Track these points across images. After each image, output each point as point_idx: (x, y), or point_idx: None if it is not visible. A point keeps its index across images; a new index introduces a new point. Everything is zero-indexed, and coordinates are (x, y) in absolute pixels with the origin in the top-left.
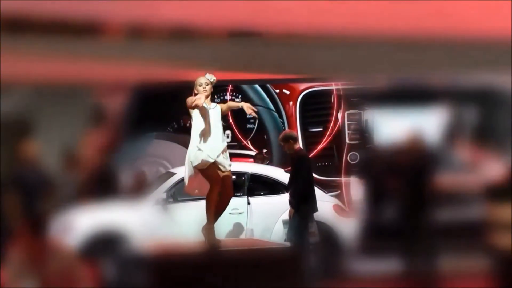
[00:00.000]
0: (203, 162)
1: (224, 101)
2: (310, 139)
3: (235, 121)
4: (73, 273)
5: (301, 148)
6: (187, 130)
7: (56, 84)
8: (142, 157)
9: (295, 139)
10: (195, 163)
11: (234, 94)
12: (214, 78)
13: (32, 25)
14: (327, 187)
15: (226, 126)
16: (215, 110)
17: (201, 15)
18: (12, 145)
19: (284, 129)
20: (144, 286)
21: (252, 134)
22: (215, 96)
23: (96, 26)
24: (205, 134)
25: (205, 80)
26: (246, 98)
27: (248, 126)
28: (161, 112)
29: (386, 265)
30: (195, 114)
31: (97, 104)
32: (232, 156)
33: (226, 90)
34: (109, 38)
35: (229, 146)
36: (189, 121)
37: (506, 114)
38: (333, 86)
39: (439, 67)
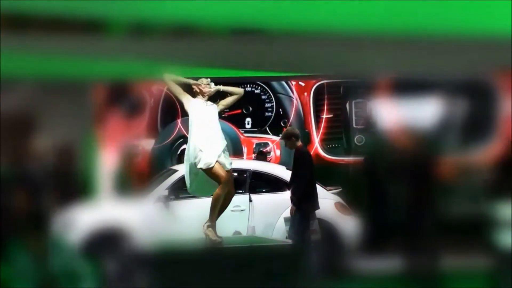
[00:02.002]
0: (206, 163)
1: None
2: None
3: (254, 109)
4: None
5: (303, 145)
6: None
7: (57, 82)
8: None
9: (297, 137)
10: (198, 165)
11: (254, 85)
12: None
13: (33, 23)
14: (336, 166)
15: (247, 114)
16: (212, 108)
17: (204, 12)
18: (13, 143)
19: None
20: (146, 284)
21: (270, 121)
22: None
23: (97, 24)
24: (204, 133)
25: (206, 81)
26: (268, 87)
27: (267, 114)
28: None
29: (388, 264)
30: (192, 113)
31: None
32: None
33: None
34: (111, 36)
35: (249, 132)
36: None
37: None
38: (341, 79)
39: (439, 66)
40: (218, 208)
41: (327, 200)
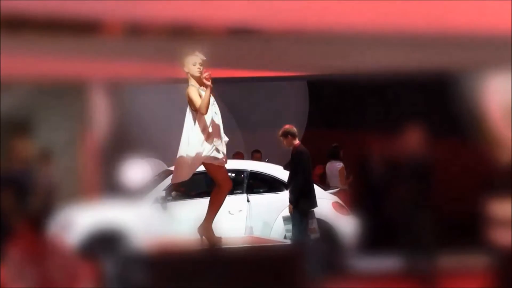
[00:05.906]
0: (213, 158)
1: None
2: None
3: None
4: (73, 272)
5: (300, 144)
6: None
7: (54, 83)
8: None
9: (294, 135)
10: (204, 154)
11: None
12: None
13: (31, 23)
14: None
15: None
16: (213, 101)
17: (201, 12)
18: (10, 144)
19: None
20: (144, 284)
21: None
22: None
23: (95, 24)
24: (210, 127)
25: (199, 60)
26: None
27: None
28: None
29: (385, 263)
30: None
31: None
32: None
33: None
34: (108, 36)
35: None
36: None
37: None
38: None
39: (439, 65)
40: (216, 211)
41: (325, 200)
